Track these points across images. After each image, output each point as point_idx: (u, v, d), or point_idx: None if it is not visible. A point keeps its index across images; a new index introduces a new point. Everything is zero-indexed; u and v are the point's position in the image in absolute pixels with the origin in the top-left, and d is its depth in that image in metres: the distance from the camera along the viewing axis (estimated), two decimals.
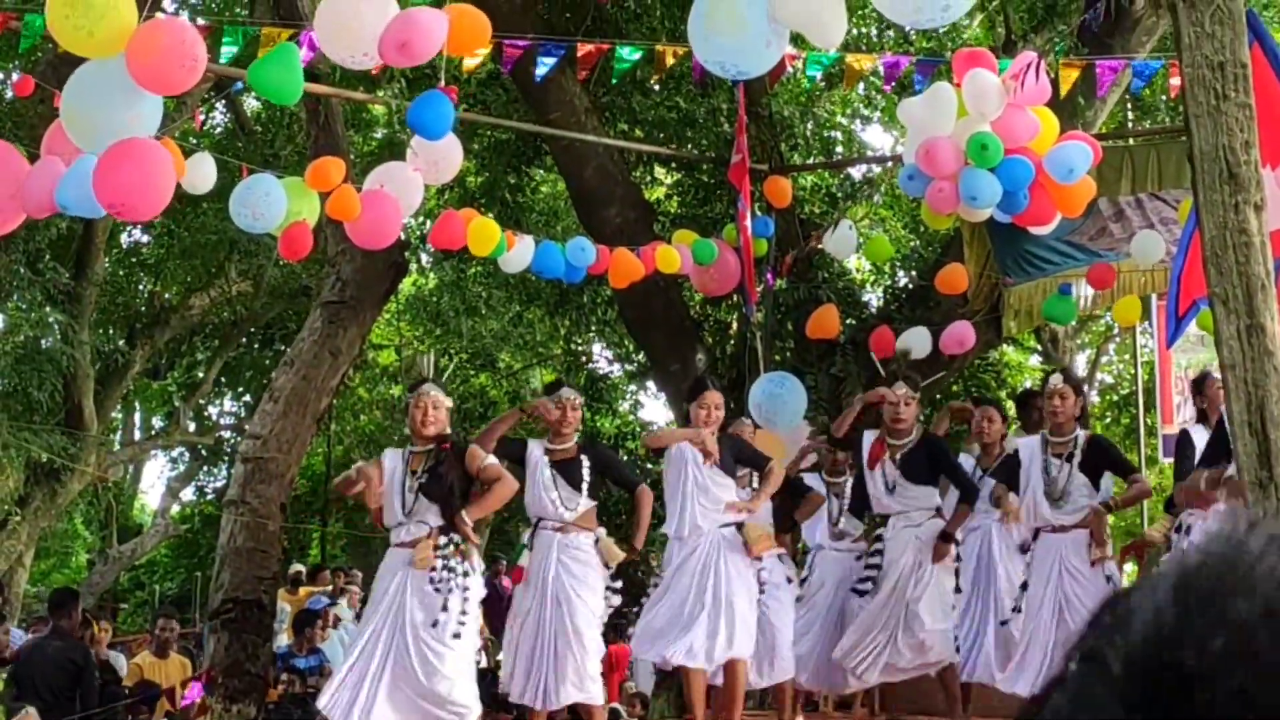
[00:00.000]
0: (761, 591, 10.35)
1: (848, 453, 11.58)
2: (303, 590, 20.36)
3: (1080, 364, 28.76)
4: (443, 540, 9.01)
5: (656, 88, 16.99)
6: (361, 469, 9.43)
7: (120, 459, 29.76)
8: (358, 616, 19.59)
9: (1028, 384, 21.79)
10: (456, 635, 8.92)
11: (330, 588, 20.87)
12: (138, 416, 34.77)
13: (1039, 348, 25.18)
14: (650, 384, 23.48)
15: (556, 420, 9.87)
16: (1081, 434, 10.32)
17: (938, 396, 17.83)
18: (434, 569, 8.93)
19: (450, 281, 22.47)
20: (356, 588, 21.00)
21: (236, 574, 14.92)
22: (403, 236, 14.81)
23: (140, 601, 34.79)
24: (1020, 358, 23.18)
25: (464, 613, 8.96)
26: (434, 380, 9.86)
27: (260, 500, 15.02)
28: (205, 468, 33.88)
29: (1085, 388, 10.61)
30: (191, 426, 31.25)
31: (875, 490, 10.75)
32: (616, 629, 15.33)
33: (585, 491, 9.76)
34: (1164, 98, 17.50)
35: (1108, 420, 29.10)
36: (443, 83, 9.59)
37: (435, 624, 8.87)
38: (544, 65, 13.04)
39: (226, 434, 32.16)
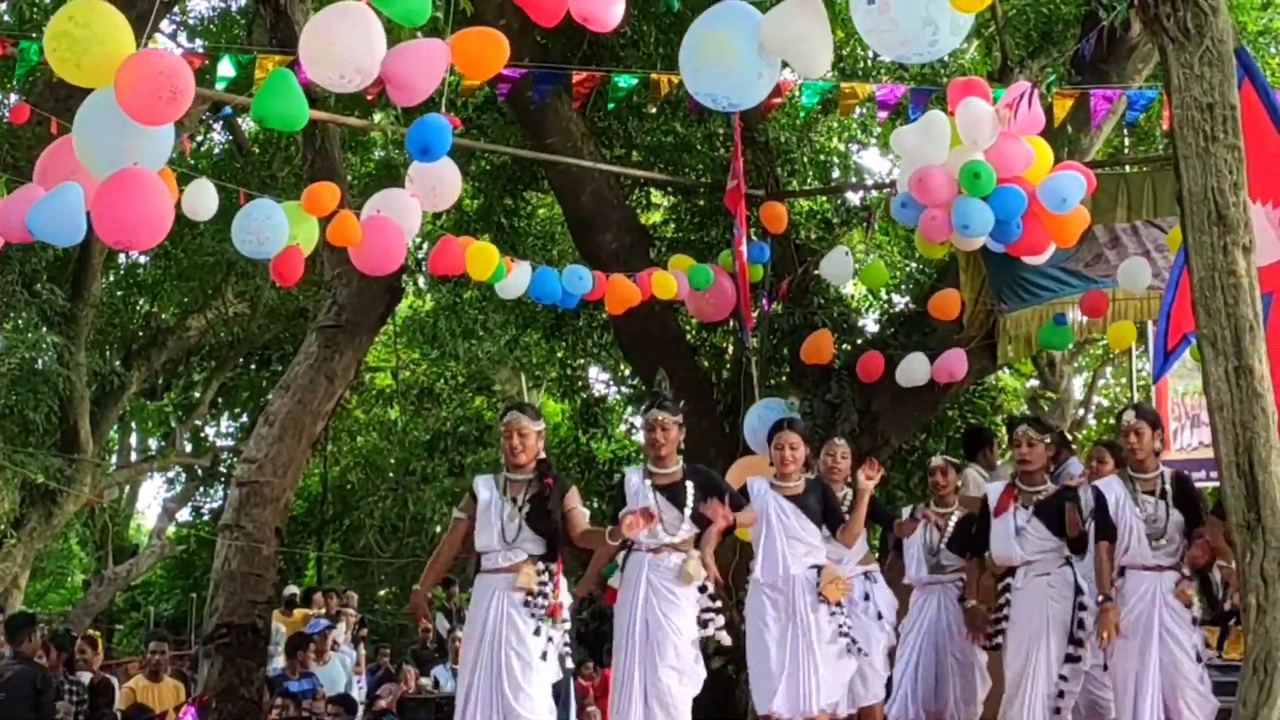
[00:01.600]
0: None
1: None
2: (297, 613, 20.32)
3: (1077, 387, 28.77)
4: (540, 566, 9.02)
5: (653, 112, 16.99)
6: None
7: (116, 480, 29.77)
8: (354, 640, 19.61)
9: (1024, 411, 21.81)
10: (543, 656, 8.95)
11: (324, 610, 20.85)
12: (134, 437, 34.76)
13: (1035, 372, 25.19)
14: None
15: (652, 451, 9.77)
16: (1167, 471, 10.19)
17: (932, 422, 17.85)
18: (530, 593, 8.96)
19: (447, 304, 22.47)
20: (352, 610, 20.99)
21: (231, 598, 14.93)
22: None
23: (136, 623, 34.76)
24: (1016, 383, 23.19)
25: (550, 638, 8.98)
26: (521, 407, 9.74)
27: (255, 524, 15.04)
28: (201, 488, 33.84)
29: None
30: (188, 447, 31.27)
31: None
32: (604, 653, 15.32)
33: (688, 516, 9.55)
34: (1160, 125, 17.52)
35: None
36: (444, 108, 9.59)
37: (524, 642, 8.92)
38: (540, 92, 13.05)
39: (223, 455, 32.15)
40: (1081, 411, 29.37)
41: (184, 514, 34.01)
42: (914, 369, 13.70)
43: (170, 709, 14.41)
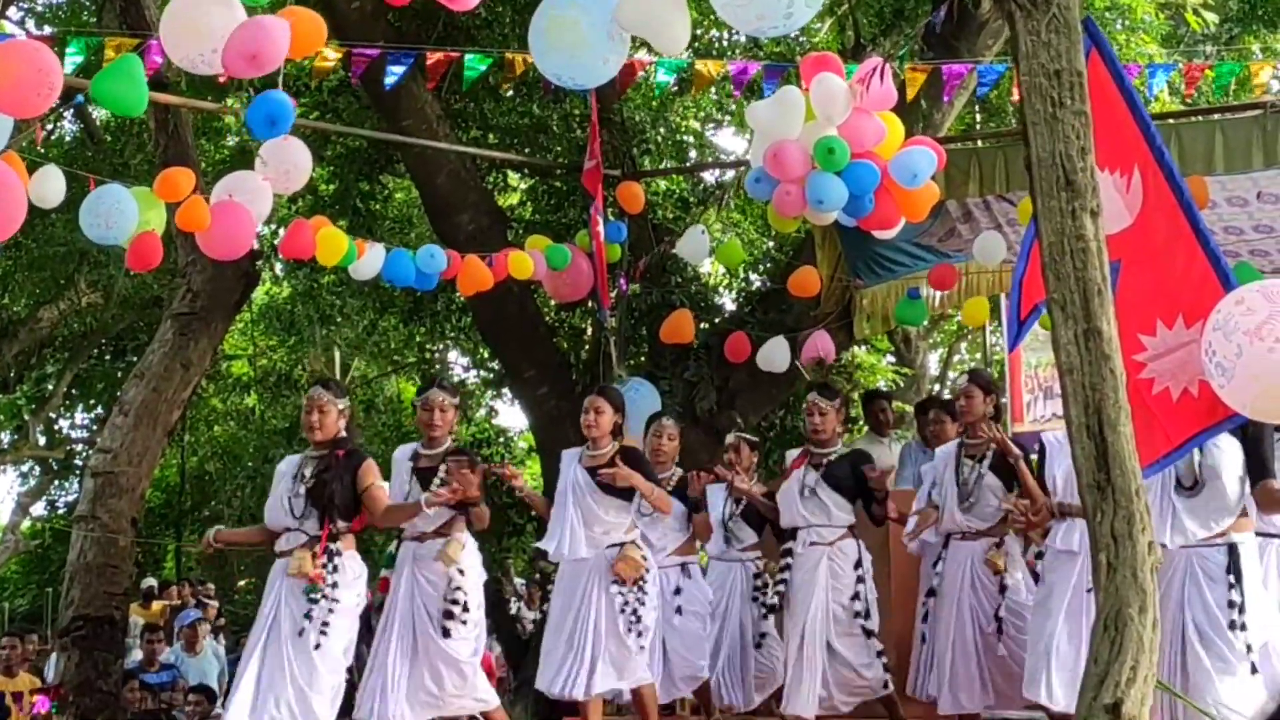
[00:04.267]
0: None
1: None
2: (155, 604, 20.15)
3: (933, 363, 29.04)
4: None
5: (509, 94, 16.96)
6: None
7: None
8: (214, 631, 19.44)
9: (881, 386, 21.96)
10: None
11: (181, 601, 20.69)
12: None
13: (892, 348, 25.38)
14: (506, 390, 23.40)
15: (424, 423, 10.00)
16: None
17: (790, 400, 17.93)
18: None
19: (304, 290, 22.29)
20: (211, 600, 20.84)
21: (87, 590, 14.76)
22: (255, 246, 14.66)
23: None
24: (873, 359, 23.35)
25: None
26: (325, 383, 9.82)
27: (111, 515, 14.87)
28: (56, 482, 33.38)
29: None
30: (41, 440, 30.82)
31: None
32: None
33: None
34: (1010, 100, 17.71)
35: None
36: (280, 85, 9.52)
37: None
38: (393, 74, 12.97)
39: (78, 447, 31.74)
40: (937, 387, 29.67)
41: (38, 508, 33.54)
42: (775, 354, 13.73)
43: (26, 692, 14.26)
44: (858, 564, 10.43)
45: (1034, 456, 9.64)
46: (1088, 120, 5.02)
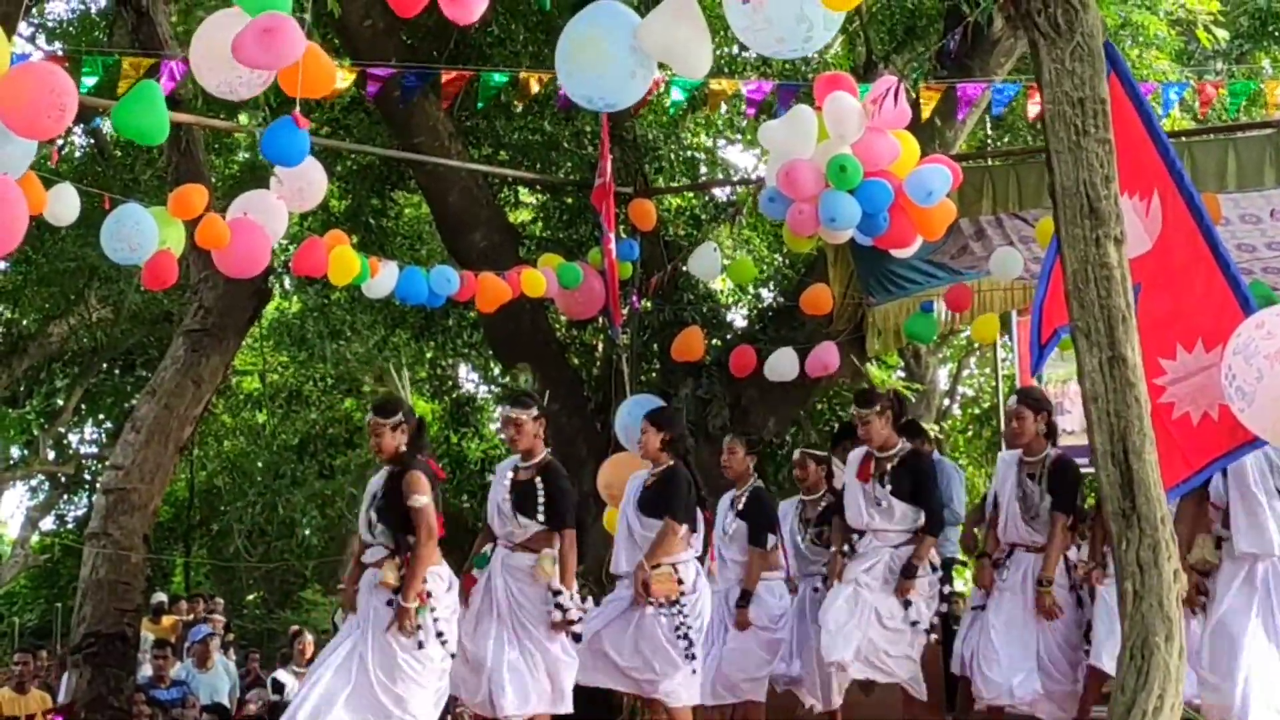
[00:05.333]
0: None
1: None
2: (166, 620, 20.12)
3: (942, 378, 29.04)
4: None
5: (520, 111, 16.96)
6: None
7: None
8: (224, 646, 19.42)
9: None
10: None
11: (191, 617, 20.66)
12: None
13: (901, 364, 25.37)
14: None
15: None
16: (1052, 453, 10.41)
17: (801, 414, 17.94)
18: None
19: (315, 306, 22.30)
20: (219, 615, 20.80)
21: (98, 607, 14.76)
22: None
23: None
24: (883, 375, 23.37)
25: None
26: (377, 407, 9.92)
27: (123, 532, 14.88)
28: (65, 496, 33.38)
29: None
30: (51, 455, 30.84)
31: None
32: None
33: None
34: (1023, 118, 17.71)
35: (969, 434, 29.38)
36: (297, 108, 9.52)
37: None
38: (408, 92, 12.98)
39: (87, 462, 31.74)
40: (947, 402, 29.66)
41: (48, 522, 33.55)
42: (782, 364, 13.76)
43: (39, 714, 14.26)
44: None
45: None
46: (1111, 148, 5.02)
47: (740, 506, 11.18)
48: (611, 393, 14.70)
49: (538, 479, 9.90)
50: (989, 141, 19.78)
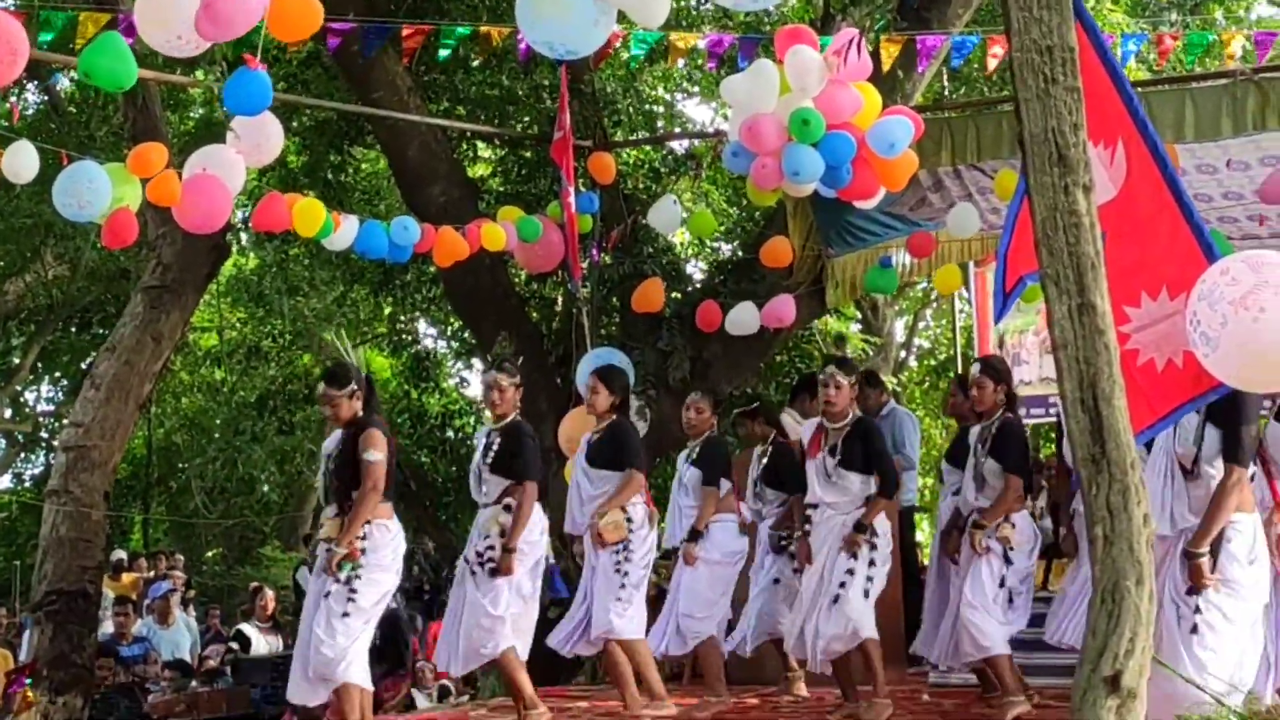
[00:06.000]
0: None
1: None
2: (126, 577, 20.12)
3: (899, 330, 29.13)
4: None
5: (479, 65, 16.92)
6: None
7: None
8: (184, 603, 19.42)
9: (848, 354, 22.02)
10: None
11: (151, 574, 20.67)
12: None
13: (859, 315, 25.44)
14: (476, 361, 23.41)
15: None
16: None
17: (762, 367, 17.99)
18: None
19: (273, 262, 22.23)
20: (180, 572, 20.80)
21: (60, 564, 14.71)
22: None
23: None
24: (841, 327, 23.42)
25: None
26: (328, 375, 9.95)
27: (83, 489, 14.82)
28: (23, 455, 33.28)
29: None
30: (8, 413, 30.71)
31: None
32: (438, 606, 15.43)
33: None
34: (978, 68, 17.74)
35: (926, 385, 29.52)
36: (258, 59, 9.47)
37: None
38: (369, 46, 12.94)
39: (44, 420, 31.64)
40: (904, 354, 29.78)
41: (5, 480, 33.46)
42: (743, 318, 13.81)
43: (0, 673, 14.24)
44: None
45: None
46: (1079, 96, 5.04)
47: (695, 455, 11.24)
48: (572, 346, 14.70)
49: (497, 437, 10.05)
50: (945, 93, 19.82)
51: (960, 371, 14.80)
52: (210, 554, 30.85)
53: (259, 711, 16.09)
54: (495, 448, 9.98)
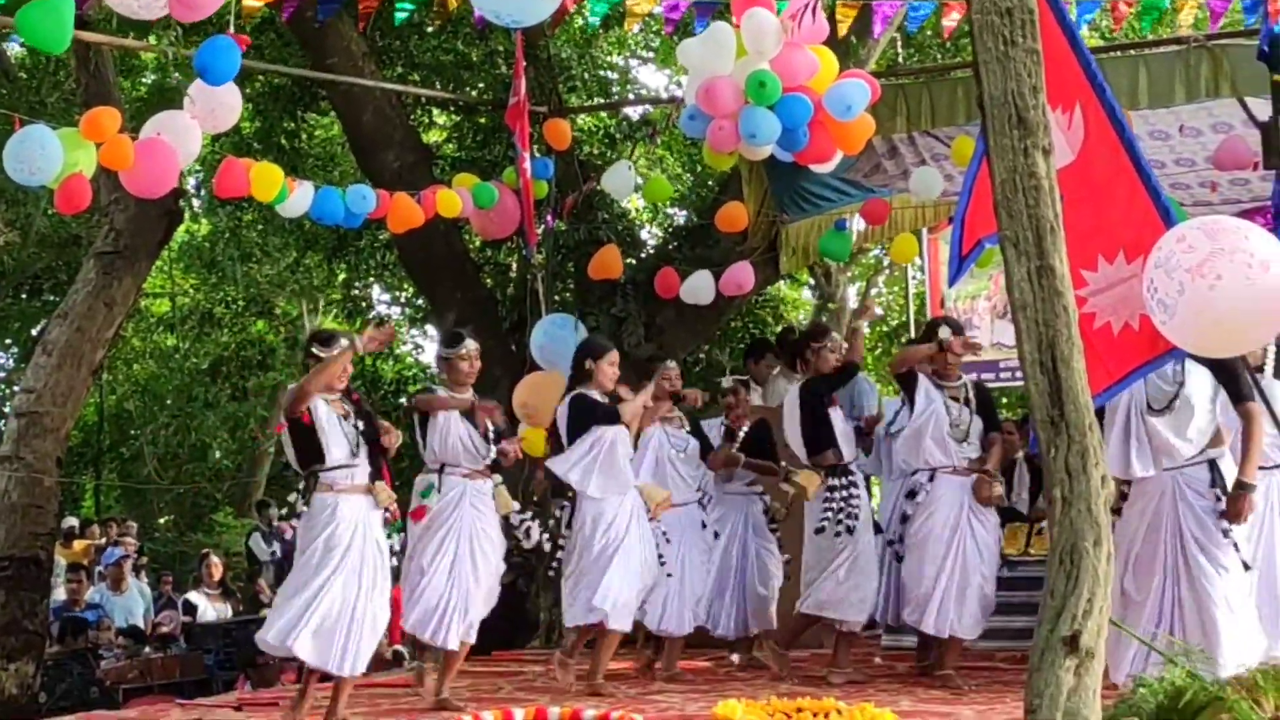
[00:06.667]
0: None
1: None
2: (78, 544, 20.06)
3: (851, 296, 29.17)
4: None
5: (433, 31, 16.88)
6: None
7: None
8: (136, 569, 19.38)
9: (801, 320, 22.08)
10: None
11: (103, 541, 20.61)
12: None
13: (811, 281, 25.49)
14: (430, 328, 23.40)
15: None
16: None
17: (718, 333, 18.04)
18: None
19: (225, 228, 22.14)
20: (132, 539, 20.76)
21: (11, 531, 14.63)
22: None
23: None
24: (794, 293, 23.46)
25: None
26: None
27: (35, 455, 14.74)
28: None
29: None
30: None
31: None
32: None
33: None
34: (932, 34, 17.76)
35: (879, 351, 29.57)
36: (232, 28, 9.45)
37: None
38: (325, 11, 12.89)
39: None
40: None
41: None
42: (699, 287, 13.83)
43: None
44: None
45: None
46: (1039, 59, 5.06)
47: (688, 425, 11.39)
48: (526, 312, 14.70)
49: None
50: (899, 60, 19.85)
51: (914, 337, 14.83)
52: (162, 520, 30.72)
53: (212, 677, 16.08)
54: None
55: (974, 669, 10.83)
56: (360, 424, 9.22)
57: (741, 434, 11.78)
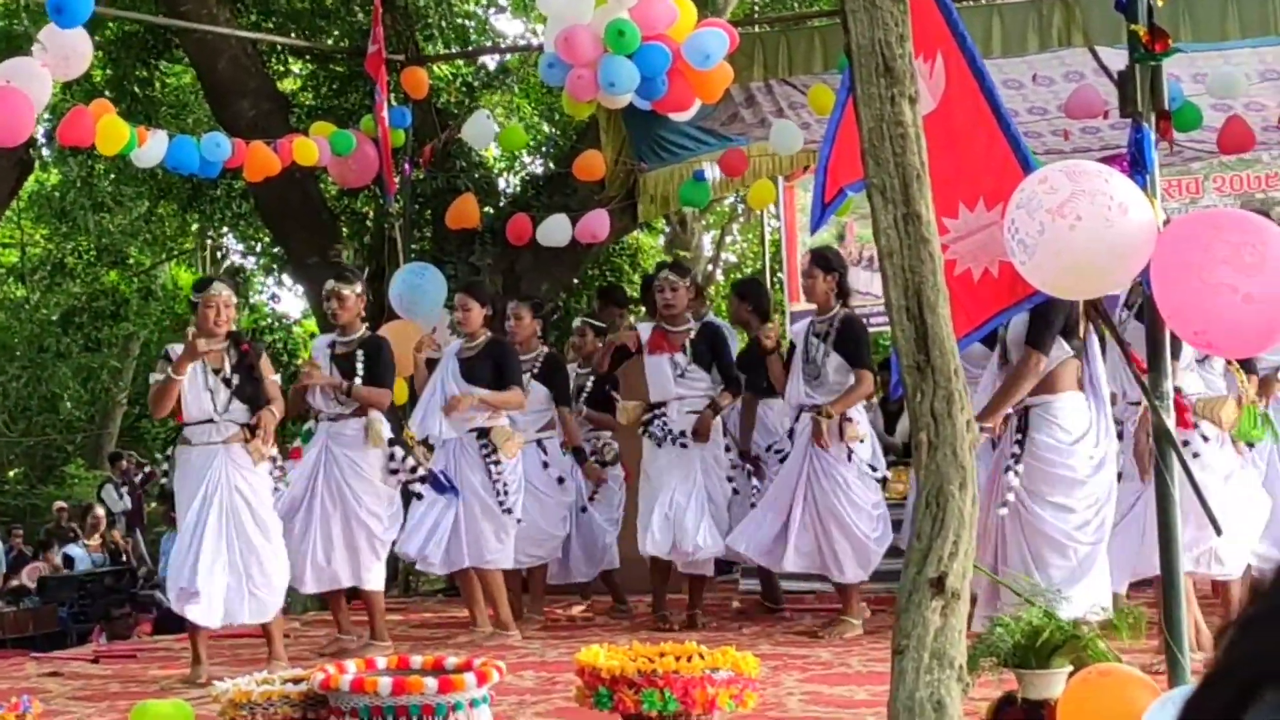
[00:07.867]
0: None
1: None
2: None
3: (706, 244, 29.28)
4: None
5: None
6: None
7: None
8: None
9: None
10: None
11: None
12: None
13: (667, 230, 25.57)
14: (286, 277, 23.24)
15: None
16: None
17: (575, 282, 18.07)
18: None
19: (77, 178, 21.82)
20: None
21: None
22: None
23: None
24: (651, 241, 23.51)
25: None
26: (223, 279, 9.85)
27: None
28: None
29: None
30: None
31: None
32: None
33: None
34: None
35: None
36: None
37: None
38: None
39: None
40: (711, 267, 29.95)
41: None
42: (555, 231, 13.87)
43: None
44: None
45: None
46: (906, 8, 5.10)
47: (536, 370, 11.34)
48: (384, 261, 14.67)
49: (359, 351, 10.02)
50: (757, 9, 19.93)
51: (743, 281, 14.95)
52: (12, 473, 30.38)
53: (66, 630, 15.97)
54: (362, 362, 9.97)
55: (830, 610, 10.94)
56: (236, 378, 9.18)
57: (589, 383, 11.96)
